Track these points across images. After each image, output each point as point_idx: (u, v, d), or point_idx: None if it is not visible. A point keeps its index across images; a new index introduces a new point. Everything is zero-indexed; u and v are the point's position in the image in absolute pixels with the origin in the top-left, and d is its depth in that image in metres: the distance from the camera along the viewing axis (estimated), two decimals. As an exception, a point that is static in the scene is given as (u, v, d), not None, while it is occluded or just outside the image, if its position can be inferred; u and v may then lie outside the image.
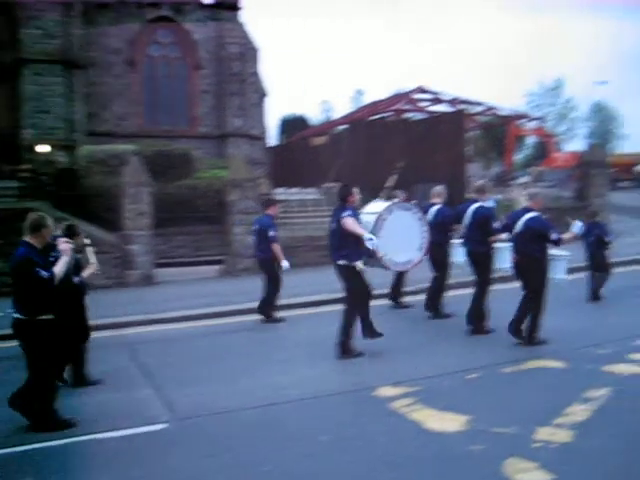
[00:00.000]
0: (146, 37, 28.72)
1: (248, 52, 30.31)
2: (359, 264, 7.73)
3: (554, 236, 7.89)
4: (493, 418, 5.58)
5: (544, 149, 37.86)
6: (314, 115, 73.82)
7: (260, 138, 31.42)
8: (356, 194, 8.00)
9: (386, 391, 6.48)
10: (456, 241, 9.60)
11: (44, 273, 5.75)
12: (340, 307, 8.24)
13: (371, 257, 7.98)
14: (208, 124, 29.29)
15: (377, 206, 8.71)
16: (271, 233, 10.24)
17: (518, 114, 43.41)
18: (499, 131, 46.16)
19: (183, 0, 28.59)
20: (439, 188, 10.08)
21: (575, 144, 56.67)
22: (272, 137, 52.85)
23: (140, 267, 14.89)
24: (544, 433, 5.20)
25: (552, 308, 10.48)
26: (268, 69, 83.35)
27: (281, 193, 16.05)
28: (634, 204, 24.92)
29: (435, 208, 9.78)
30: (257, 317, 10.50)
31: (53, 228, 6.19)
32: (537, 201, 8.39)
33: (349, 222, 7.55)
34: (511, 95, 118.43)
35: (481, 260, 8.83)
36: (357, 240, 7.52)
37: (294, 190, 13.52)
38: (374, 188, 11.74)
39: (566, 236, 8.14)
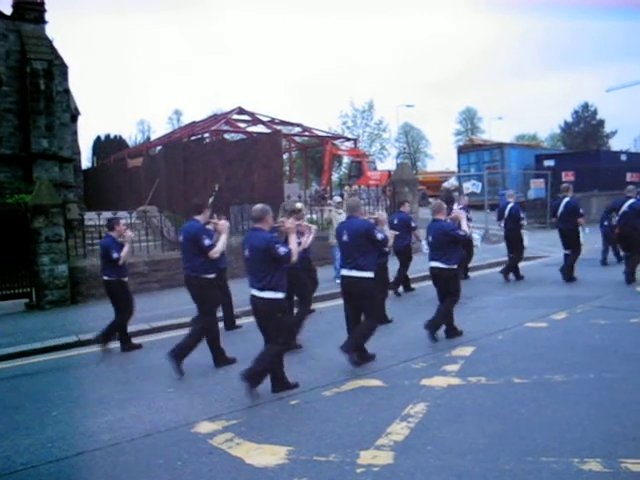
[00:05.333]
0: None
1: (55, 69, 28.56)
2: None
3: None
4: (315, 446, 5.44)
5: (358, 168, 39.32)
6: (131, 136, 71.88)
7: (71, 160, 29.65)
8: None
9: (206, 427, 6.14)
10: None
11: None
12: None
13: None
14: (12, 146, 27.09)
15: None
16: None
17: (334, 135, 45.01)
18: (316, 151, 47.54)
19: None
20: None
21: (387, 163, 59.77)
22: (86, 159, 50.54)
23: None
24: (366, 457, 5.14)
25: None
26: (80, 87, 79.65)
27: (91, 218, 15.08)
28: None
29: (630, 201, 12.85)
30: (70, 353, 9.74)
31: None
32: (633, 192, 13.01)
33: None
34: (327, 116, 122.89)
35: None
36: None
37: (106, 214, 12.77)
38: (191, 210, 11.33)
39: None
